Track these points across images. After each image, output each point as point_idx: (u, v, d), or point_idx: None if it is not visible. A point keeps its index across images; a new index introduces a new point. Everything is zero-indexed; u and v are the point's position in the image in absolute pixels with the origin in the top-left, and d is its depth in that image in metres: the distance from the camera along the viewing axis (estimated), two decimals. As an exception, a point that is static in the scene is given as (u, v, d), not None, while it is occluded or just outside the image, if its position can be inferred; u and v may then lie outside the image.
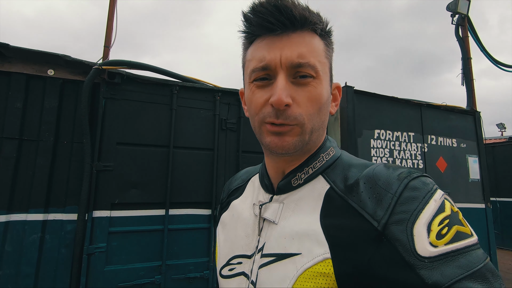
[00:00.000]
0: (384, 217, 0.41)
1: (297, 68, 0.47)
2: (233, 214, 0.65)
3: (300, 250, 0.47)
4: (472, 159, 3.57)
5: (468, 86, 4.12)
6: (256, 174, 0.69)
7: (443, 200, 0.42)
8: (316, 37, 0.51)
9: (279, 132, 0.48)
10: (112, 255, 2.17)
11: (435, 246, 0.38)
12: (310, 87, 0.48)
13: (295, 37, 0.48)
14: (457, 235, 0.39)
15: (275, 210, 0.54)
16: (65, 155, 2.21)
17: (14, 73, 2.11)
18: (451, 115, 3.55)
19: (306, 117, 0.48)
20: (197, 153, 2.54)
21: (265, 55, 0.48)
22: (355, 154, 2.79)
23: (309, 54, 0.48)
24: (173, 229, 2.36)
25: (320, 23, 0.50)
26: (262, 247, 0.53)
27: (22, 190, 2.05)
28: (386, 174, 0.46)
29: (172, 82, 2.52)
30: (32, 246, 2.01)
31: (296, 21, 0.47)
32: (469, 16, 4.27)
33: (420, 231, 0.39)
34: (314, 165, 0.54)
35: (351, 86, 2.92)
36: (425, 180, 0.44)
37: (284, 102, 0.46)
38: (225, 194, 0.75)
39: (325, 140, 0.58)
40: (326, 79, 0.51)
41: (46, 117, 2.16)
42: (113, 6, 2.93)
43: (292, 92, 0.48)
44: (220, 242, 0.64)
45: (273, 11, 0.46)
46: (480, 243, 0.41)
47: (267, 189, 0.60)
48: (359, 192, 0.46)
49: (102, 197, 2.19)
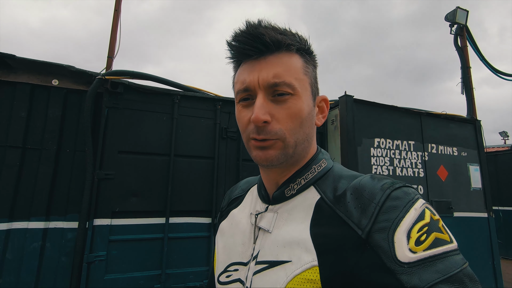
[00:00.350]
0: (368, 225, 0.43)
1: (274, 87, 0.51)
2: (231, 223, 0.68)
3: (290, 258, 0.49)
4: (473, 167, 3.56)
5: (468, 95, 4.13)
6: (255, 184, 0.72)
7: (423, 208, 0.44)
8: (294, 56, 0.54)
9: (262, 147, 0.52)
10: (112, 263, 2.17)
11: (414, 252, 0.40)
12: (289, 103, 0.52)
13: (272, 59, 0.53)
14: (436, 242, 0.41)
15: (270, 220, 0.57)
16: (67, 163, 2.23)
17: (19, 83, 2.15)
18: (451, 124, 3.55)
19: (287, 132, 0.52)
20: (198, 162, 2.56)
21: (246, 78, 0.53)
22: (355, 163, 2.79)
23: (285, 73, 0.52)
24: (173, 238, 2.36)
25: (296, 43, 0.54)
26: (257, 255, 0.55)
27: (24, 198, 2.07)
28: (371, 185, 0.48)
29: (173, 92, 2.56)
30: (32, 254, 2.02)
31: (270, 46, 0.51)
32: (467, 26, 4.32)
33: (400, 238, 0.41)
34: (306, 176, 0.57)
35: (350, 95, 2.94)
36: (407, 190, 0.46)
37: (261, 119, 0.50)
38: (225, 202, 0.78)
39: (318, 152, 0.61)
40: (306, 94, 0.55)
41: (49, 126, 2.20)
42: (117, 18, 3.00)
43: (271, 110, 0.52)
44: (219, 250, 0.66)
45: (249, 38, 0.52)
46: (483, 253, 0.43)
47: (264, 199, 0.62)
48: (346, 202, 0.49)
49: (103, 205, 2.20)
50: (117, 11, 3.03)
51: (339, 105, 2.97)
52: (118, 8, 3.05)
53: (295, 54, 0.55)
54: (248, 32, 0.52)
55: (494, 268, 3.31)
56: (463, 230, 3.22)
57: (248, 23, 0.53)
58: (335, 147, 3.00)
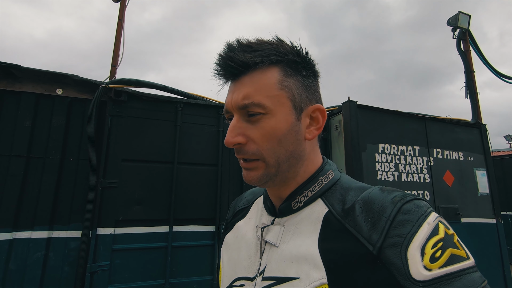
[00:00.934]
0: (379, 241, 0.42)
1: (245, 109, 0.51)
2: (237, 236, 0.66)
3: (298, 274, 0.47)
4: (480, 172, 3.51)
5: (473, 99, 4.10)
6: (261, 196, 0.70)
7: (437, 223, 0.42)
8: (269, 71, 0.52)
9: (246, 168, 0.54)
10: (115, 273, 2.14)
11: (429, 270, 0.38)
12: (262, 123, 0.51)
13: (244, 80, 0.52)
14: (451, 258, 0.39)
15: (276, 233, 0.55)
16: (71, 172, 2.23)
17: (24, 93, 2.17)
18: (456, 128, 3.52)
19: (264, 152, 0.51)
20: (201, 169, 2.54)
21: (227, 99, 0.54)
22: (360, 169, 2.77)
23: (254, 93, 0.50)
24: (176, 246, 2.34)
25: (274, 56, 0.51)
26: (263, 270, 0.53)
27: (27, 208, 2.06)
28: (381, 198, 0.46)
29: (176, 99, 2.57)
30: (36, 264, 2.01)
31: (240, 67, 0.51)
32: (470, 30, 4.32)
33: (414, 254, 0.39)
34: (313, 188, 0.55)
35: (353, 101, 2.93)
36: (419, 203, 0.44)
37: (230, 142, 0.51)
38: (230, 214, 0.76)
39: (324, 163, 0.59)
40: (282, 111, 0.51)
41: (53, 134, 2.21)
42: (120, 27, 3.03)
43: (246, 130, 0.51)
44: (224, 263, 0.65)
45: (222, 61, 0.52)
46: (493, 260, 0.41)
47: (270, 211, 0.61)
48: (355, 216, 0.47)
49: (107, 214, 2.19)
50: (120, 21, 3.07)
51: (343, 111, 2.96)
52: (122, 18, 3.09)
53: (273, 68, 0.52)
54: (221, 56, 0.52)
55: (504, 275, 3.23)
56: (471, 237, 3.15)
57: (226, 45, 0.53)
58: (339, 153, 2.97)
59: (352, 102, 2.92)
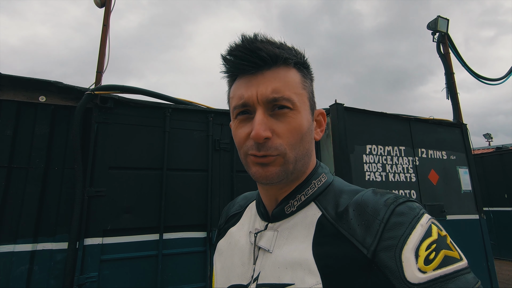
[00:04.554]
0: (373, 244, 0.42)
1: (274, 102, 0.50)
2: (230, 242, 0.65)
3: (293, 280, 0.47)
4: (462, 170, 3.63)
5: (453, 100, 4.25)
6: (253, 200, 0.69)
7: (430, 224, 0.42)
8: (292, 70, 0.53)
9: (262, 163, 0.50)
10: (104, 284, 2.08)
11: (423, 272, 0.38)
12: (289, 118, 0.51)
13: (270, 74, 0.51)
14: (445, 260, 0.39)
15: (270, 239, 0.55)
16: (56, 181, 2.16)
17: (4, 101, 2.10)
18: (439, 128, 3.63)
19: (288, 147, 0.50)
20: (191, 175, 2.52)
21: (243, 93, 0.52)
22: (348, 170, 2.81)
23: (284, 88, 0.51)
24: (167, 254, 2.29)
25: (294, 57, 0.53)
26: (257, 277, 0.52)
27: (10, 220, 1.98)
28: (374, 200, 0.46)
29: (164, 105, 2.54)
30: (19, 278, 1.93)
31: (268, 60, 0.50)
32: (449, 34, 4.49)
33: (408, 257, 0.39)
34: (306, 192, 0.55)
35: (341, 103, 2.98)
36: (412, 205, 0.45)
37: (262, 136, 0.48)
38: (223, 220, 0.75)
39: (317, 167, 0.59)
40: (305, 109, 0.53)
41: (37, 143, 2.13)
42: (105, 33, 2.98)
43: (272, 125, 0.50)
44: (217, 270, 0.64)
45: (245, 53, 0.50)
46: (477, 255, 0.42)
47: (263, 216, 0.60)
48: (349, 219, 0.47)
49: (94, 223, 2.13)
50: (105, 26, 3.02)
51: (330, 113, 3.01)
52: (106, 23, 3.04)
53: (293, 68, 0.53)
54: (244, 47, 0.50)
55: (488, 269, 3.34)
56: (457, 233, 3.25)
57: (244, 37, 0.52)
58: (328, 155, 3.01)
59: (339, 104, 2.97)
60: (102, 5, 3.04)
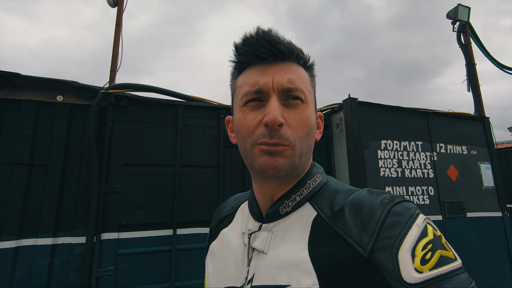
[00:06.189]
0: (370, 243, 0.42)
1: (288, 92, 0.51)
2: (222, 243, 0.64)
3: (289, 282, 0.46)
4: (484, 166, 3.48)
5: (475, 92, 4.06)
6: (245, 201, 0.68)
7: (425, 224, 0.43)
8: (301, 68, 0.55)
9: (272, 152, 0.49)
10: (121, 278, 2.15)
11: (420, 272, 0.38)
12: (300, 110, 0.51)
13: (284, 66, 0.52)
14: (441, 260, 0.39)
15: (264, 239, 0.54)
16: (74, 178, 2.24)
17: (24, 101, 2.18)
18: (459, 122, 3.49)
19: (297, 139, 0.50)
20: (203, 171, 2.54)
21: (259, 80, 0.51)
22: (362, 166, 2.75)
23: (298, 80, 0.52)
24: (181, 249, 2.34)
25: (304, 57, 0.55)
26: (251, 278, 0.52)
27: (32, 215, 2.07)
28: (370, 200, 0.46)
29: (176, 102, 2.57)
30: (41, 271, 2.02)
31: (284, 53, 0.52)
32: (470, 23, 4.28)
33: (405, 256, 0.39)
34: (301, 192, 0.55)
35: (354, 98, 2.92)
36: (407, 205, 0.45)
37: (278, 121, 0.47)
38: (214, 221, 0.74)
39: (312, 167, 0.58)
40: (312, 105, 0.55)
41: (55, 141, 2.21)
42: (118, 32, 3.03)
43: (284, 113, 0.50)
44: (209, 273, 0.63)
45: (264, 43, 0.51)
46: (500, 254, 0.41)
47: (256, 217, 0.59)
48: (345, 218, 0.47)
49: (110, 219, 2.20)
50: (118, 26, 3.07)
51: (344, 108, 2.94)
52: (119, 23, 3.09)
53: (301, 66, 0.55)
54: (262, 37, 0.51)
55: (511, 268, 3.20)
56: (477, 231, 3.13)
57: (260, 29, 0.52)
58: (341, 151, 2.96)
59: (353, 99, 2.90)
60: (115, 4, 3.09)
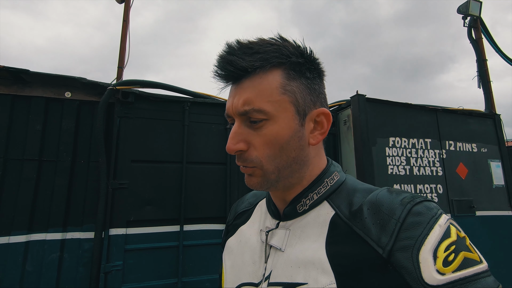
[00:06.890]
0: (389, 243, 0.41)
1: (246, 115, 0.49)
2: (240, 240, 0.64)
3: (306, 280, 0.46)
4: (494, 164, 3.41)
5: (486, 89, 3.99)
6: (263, 198, 0.68)
7: (448, 225, 0.41)
8: (270, 74, 0.49)
9: (245, 173, 0.53)
10: (129, 273, 2.17)
11: (442, 274, 0.37)
12: (264, 130, 0.49)
13: (245, 84, 0.50)
14: (465, 262, 0.38)
15: (282, 237, 0.54)
16: (82, 174, 2.26)
17: (34, 97, 2.20)
18: (469, 119, 3.43)
19: (264, 159, 0.50)
20: (210, 168, 2.54)
21: (227, 104, 0.53)
22: (370, 163, 2.72)
23: (256, 98, 0.48)
24: (188, 245, 2.35)
25: (275, 59, 0.49)
26: (269, 275, 0.52)
27: (41, 210, 2.10)
28: (389, 199, 0.45)
29: (183, 99, 2.56)
30: (51, 265, 2.04)
31: (240, 71, 0.49)
32: (481, 18, 4.18)
33: (426, 257, 0.38)
34: (318, 191, 0.54)
35: (362, 94, 2.88)
36: (429, 204, 0.43)
37: (232, 150, 0.49)
38: (231, 216, 0.74)
39: (329, 165, 0.57)
40: (285, 116, 0.50)
41: (64, 137, 2.23)
42: (125, 28, 3.04)
43: (248, 137, 0.50)
44: (227, 269, 0.63)
45: (223, 64, 0.50)
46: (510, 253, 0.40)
47: (274, 214, 0.59)
48: (363, 218, 0.46)
49: (118, 214, 2.21)
50: (125, 22, 3.07)
51: (351, 105, 2.91)
52: (126, 19, 3.09)
53: (275, 71, 0.50)
54: (221, 59, 0.50)
55: (522, 269, 3.15)
56: (487, 230, 3.08)
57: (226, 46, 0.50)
58: (348, 148, 2.93)
59: (361, 95, 2.87)
60: (122, 1, 3.09)
